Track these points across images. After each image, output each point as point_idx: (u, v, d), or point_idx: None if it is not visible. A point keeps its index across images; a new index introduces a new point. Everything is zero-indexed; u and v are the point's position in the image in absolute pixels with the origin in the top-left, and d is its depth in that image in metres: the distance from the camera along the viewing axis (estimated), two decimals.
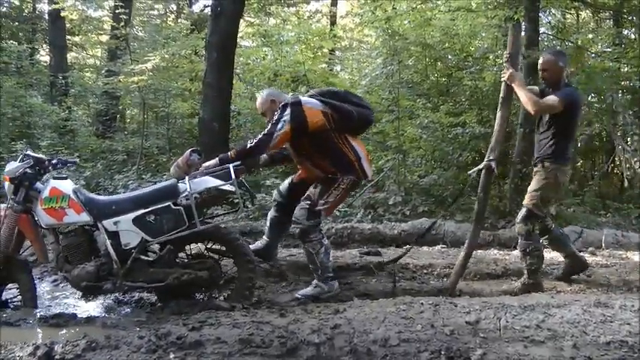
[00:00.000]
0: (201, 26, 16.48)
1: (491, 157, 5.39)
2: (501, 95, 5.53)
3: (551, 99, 5.40)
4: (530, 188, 5.66)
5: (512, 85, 5.36)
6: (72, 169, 9.30)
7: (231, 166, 4.72)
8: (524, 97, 5.34)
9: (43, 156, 4.90)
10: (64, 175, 4.89)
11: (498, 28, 12.76)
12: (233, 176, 4.64)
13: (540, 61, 5.64)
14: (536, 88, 5.83)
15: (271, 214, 5.92)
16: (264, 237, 5.96)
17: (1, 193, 5.05)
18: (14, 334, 3.92)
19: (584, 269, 6.06)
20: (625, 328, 3.71)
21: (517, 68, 5.54)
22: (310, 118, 5.20)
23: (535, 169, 5.68)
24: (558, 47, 12.25)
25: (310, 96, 5.48)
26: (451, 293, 5.38)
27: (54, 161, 4.88)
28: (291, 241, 7.77)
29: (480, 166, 5.53)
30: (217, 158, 5.03)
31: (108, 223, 4.63)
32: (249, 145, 5.12)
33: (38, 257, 4.92)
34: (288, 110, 5.15)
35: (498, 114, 5.56)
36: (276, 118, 5.15)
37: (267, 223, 5.94)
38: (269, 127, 5.14)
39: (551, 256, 7.15)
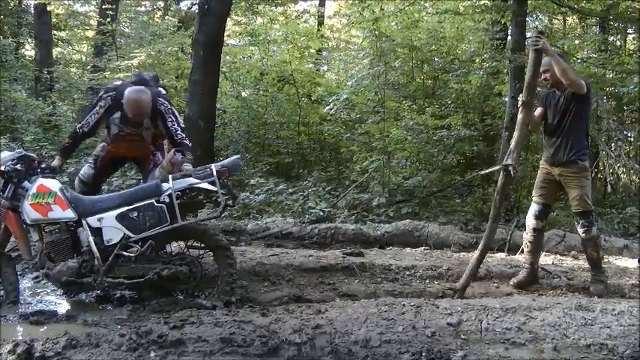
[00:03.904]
0: (188, 24, 16.43)
1: (508, 161, 5.45)
2: (522, 98, 5.56)
3: (579, 79, 5.55)
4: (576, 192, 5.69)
5: (546, 52, 5.38)
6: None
7: (213, 166, 4.85)
8: (559, 65, 5.41)
9: (34, 156, 5.03)
10: (52, 175, 4.96)
11: (485, 32, 12.82)
12: (215, 174, 4.74)
13: (543, 62, 5.65)
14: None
15: None
16: None
17: None
18: None
19: (535, 283, 6.11)
20: (605, 331, 3.75)
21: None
22: None
23: (568, 170, 5.71)
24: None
25: (161, 86, 5.95)
26: (460, 295, 5.43)
27: (43, 165, 4.98)
28: (274, 240, 7.78)
29: (495, 168, 5.54)
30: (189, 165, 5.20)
31: (92, 220, 4.72)
32: (189, 143, 5.55)
33: (23, 254, 4.98)
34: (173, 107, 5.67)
35: (519, 117, 5.60)
36: (176, 115, 5.59)
37: None
38: (181, 125, 5.62)
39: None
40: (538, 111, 5.98)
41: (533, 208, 5.97)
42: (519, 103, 5.62)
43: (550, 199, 5.98)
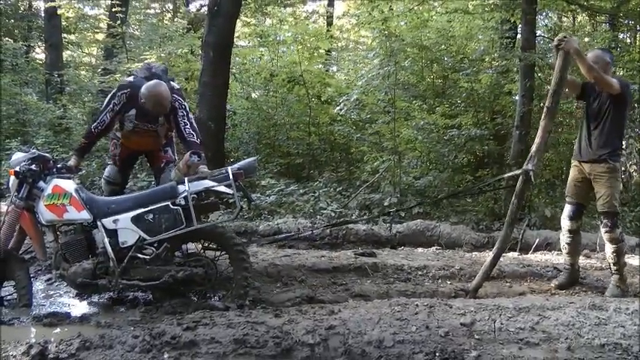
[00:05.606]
0: (198, 25, 16.46)
1: (529, 166, 5.43)
2: (546, 105, 5.53)
3: (610, 78, 5.48)
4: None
5: (570, 51, 5.28)
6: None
7: (229, 168, 4.81)
8: (584, 63, 5.33)
9: (49, 156, 5.07)
10: (68, 175, 5.00)
11: (495, 31, 12.77)
12: (231, 177, 4.69)
13: (590, 55, 5.63)
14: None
15: None
16: None
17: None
18: (8, 332, 3.90)
19: (576, 284, 6.07)
20: (619, 330, 3.73)
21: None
22: None
23: (598, 168, 5.63)
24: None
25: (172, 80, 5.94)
26: (473, 296, 5.42)
27: (59, 165, 5.04)
28: (286, 241, 7.77)
29: (516, 172, 5.54)
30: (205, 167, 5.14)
31: (107, 221, 4.73)
32: (198, 141, 5.47)
33: (37, 254, 5.00)
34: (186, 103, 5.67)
35: (542, 123, 5.56)
36: (187, 111, 5.56)
37: None
38: (192, 121, 5.57)
39: (546, 258, 7.19)
40: (577, 82, 5.95)
41: (567, 209, 5.89)
42: (544, 109, 5.60)
43: (583, 198, 5.87)
